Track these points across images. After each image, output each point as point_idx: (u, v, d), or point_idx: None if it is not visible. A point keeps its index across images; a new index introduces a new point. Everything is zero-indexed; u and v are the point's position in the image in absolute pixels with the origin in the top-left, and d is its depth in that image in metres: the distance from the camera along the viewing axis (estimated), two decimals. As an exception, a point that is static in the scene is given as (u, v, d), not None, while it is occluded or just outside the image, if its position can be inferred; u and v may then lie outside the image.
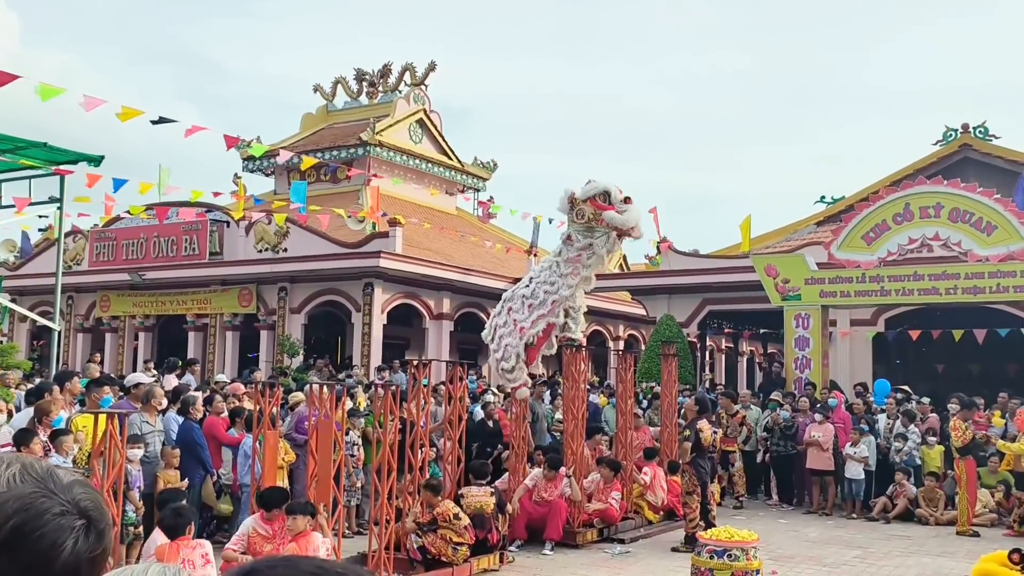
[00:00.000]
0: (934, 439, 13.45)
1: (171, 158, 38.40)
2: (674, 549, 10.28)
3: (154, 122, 11.57)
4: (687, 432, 10.91)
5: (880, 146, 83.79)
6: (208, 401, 10.73)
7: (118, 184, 13.39)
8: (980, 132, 23.78)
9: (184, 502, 7.65)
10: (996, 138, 23.74)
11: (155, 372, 15.35)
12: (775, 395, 15.19)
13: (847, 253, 16.05)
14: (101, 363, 24.57)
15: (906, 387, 16.40)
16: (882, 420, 14.20)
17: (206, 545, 6.69)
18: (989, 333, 17.44)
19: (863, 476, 13.23)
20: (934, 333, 18.83)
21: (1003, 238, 14.89)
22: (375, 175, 21.52)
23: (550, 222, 19.54)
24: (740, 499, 14.09)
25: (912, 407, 14.52)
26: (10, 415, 9.15)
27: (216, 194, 17.13)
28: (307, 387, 10.68)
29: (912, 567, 9.69)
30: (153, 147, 78.49)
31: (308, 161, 16.46)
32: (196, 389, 12.17)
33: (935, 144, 24.29)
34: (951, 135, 24.08)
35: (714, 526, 9.19)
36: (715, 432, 12.10)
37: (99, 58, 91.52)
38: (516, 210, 21.23)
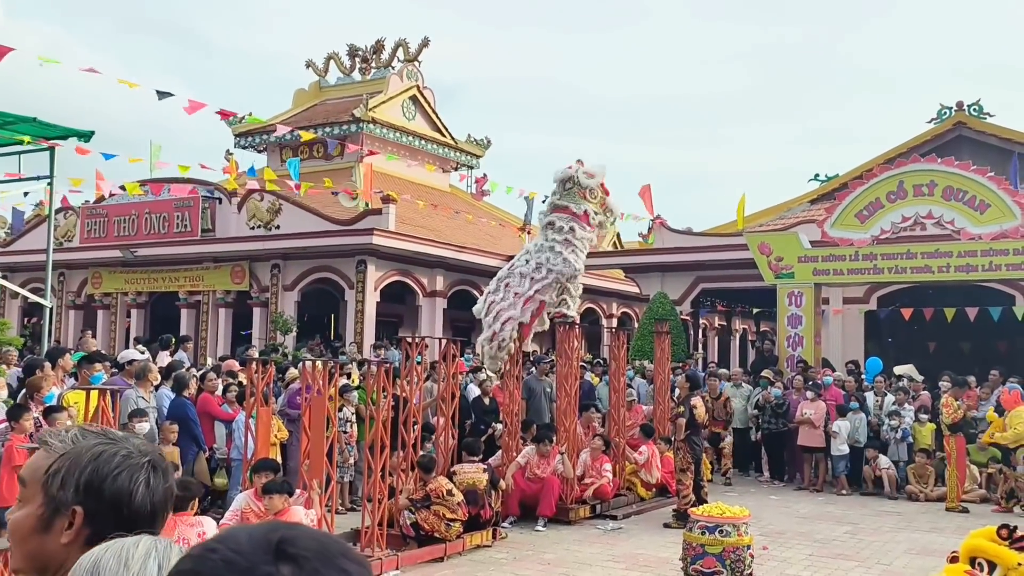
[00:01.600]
0: (925, 416, 13.54)
1: (161, 136, 38.23)
2: (666, 525, 10.35)
3: (159, 97, 11.51)
4: (681, 409, 10.94)
5: (874, 124, 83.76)
6: (201, 377, 10.74)
7: (108, 157, 13.34)
8: (975, 110, 23.72)
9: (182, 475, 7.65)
10: (990, 116, 23.69)
11: (143, 350, 15.24)
12: (766, 373, 15.25)
13: (840, 231, 16.05)
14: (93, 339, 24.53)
15: (908, 366, 16.40)
16: (870, 397, 14.27)
17: (205, 523, 6.62)
18: (981, 311, 17.49)
19: (846, 452, 13.33)
20: (926, 311, 18.88)
21: (996, 216, 14.90)
22: (372, 151, 21.39)
23: (543, 200, 19.45)
24: (727, 475, 14.13)
25: (905, 383, 14.59)
26: (13, 394, 9.08)
27: (204, 166, 17.06)
28: (300, 363, 10.68)
29: (902, 542, 9.78)
30: (143, 125, 77.92)
31: (306, 136, 16.30)
32: (193, 367, 12.17)
33: (929, 122, 24.23)
34: (945, 113, 24.03)
35: (706, 502, 9.25)
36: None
37: (86, 32, 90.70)
38: (512, 187, 21.11)
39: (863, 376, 15.61)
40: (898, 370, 16.08)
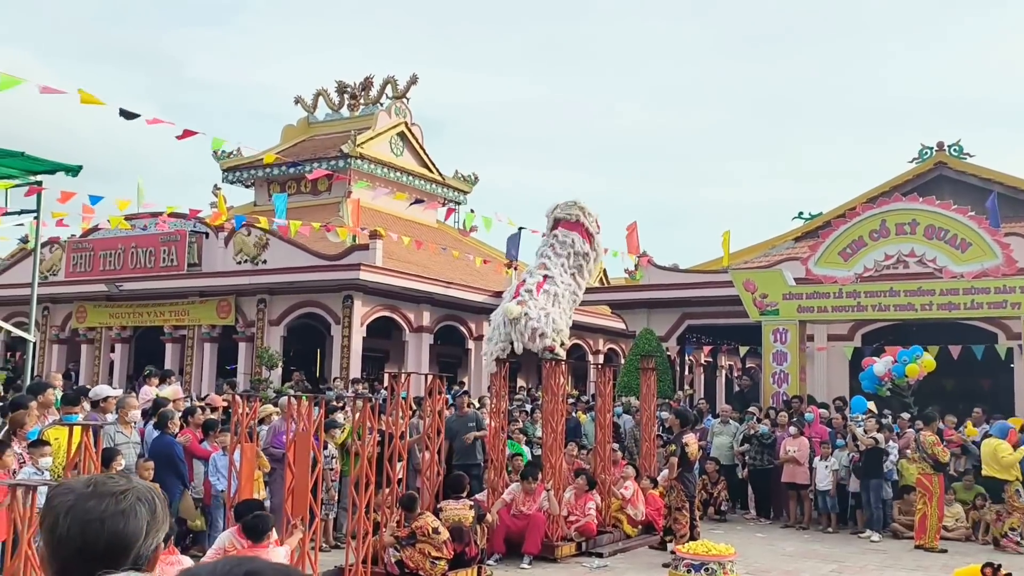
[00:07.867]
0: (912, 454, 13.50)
1: (146, 167, 38.22)
2: (666, 566, 10.23)
3: (126, 116, 11.23)
4: (673, 448, 10.84)
5: (857, 163, 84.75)
6: (190, 412, 10.66)
7: (95, 200, 13.28)
8: (955, 150, 24.10)
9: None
10: (970, 156, 24.07)
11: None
12: (752, 408, 15.25)
13: (824, 269, 16.19)
14: (76, 375, 24.32)
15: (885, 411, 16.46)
16: (860, 434, 14.25)
17: (185, 561, 6.60)
18: (964, 349, 17.61)
19: (832, 488, 13.29)
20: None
21: (977, 255, 15.07)
22: (349, 189, 21.42)
23: (520, 229, 19.40)
24: (720, 508, 14.10)
25: (888, 421, 14.62)
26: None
27: (194, 211, 17.02)
28: (282, 400, 10.62)
29: (888, 581, 9.75)
30: (132, 158, 77.95)
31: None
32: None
33: (911, 162, 24.59)
34: (927, 153, 24.39)
35: (696, 539, 9.21)
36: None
37: (73, 67, 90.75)
38: (490, 219, 20.74)
39: (848, 412, 15.61)
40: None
